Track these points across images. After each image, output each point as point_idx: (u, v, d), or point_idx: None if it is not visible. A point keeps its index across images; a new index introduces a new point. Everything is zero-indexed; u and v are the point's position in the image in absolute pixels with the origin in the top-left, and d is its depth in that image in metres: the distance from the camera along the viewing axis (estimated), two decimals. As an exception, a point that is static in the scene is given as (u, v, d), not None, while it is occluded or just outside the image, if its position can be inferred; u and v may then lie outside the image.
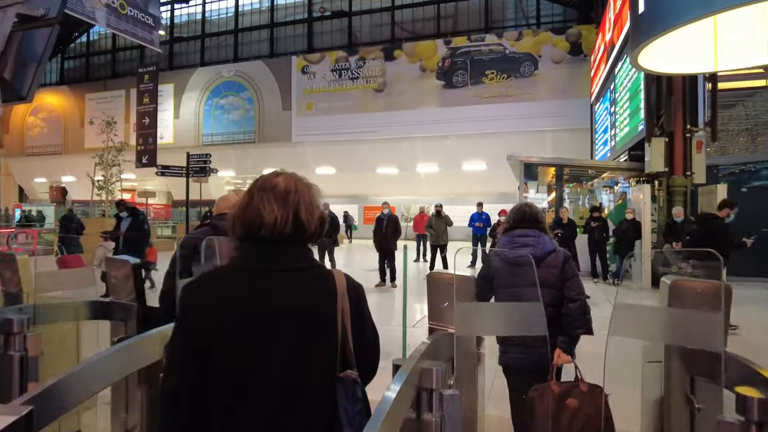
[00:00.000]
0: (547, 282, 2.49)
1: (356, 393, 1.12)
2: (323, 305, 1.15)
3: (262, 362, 1.07)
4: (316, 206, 1.22)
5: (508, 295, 2.51)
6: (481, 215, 12.22)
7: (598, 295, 8.46)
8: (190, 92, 29.80)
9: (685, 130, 9.32)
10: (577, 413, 2.14)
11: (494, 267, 2.58)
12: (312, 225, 1.19)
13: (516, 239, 2.55)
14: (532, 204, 2.70)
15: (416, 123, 24.46)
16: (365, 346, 1.22)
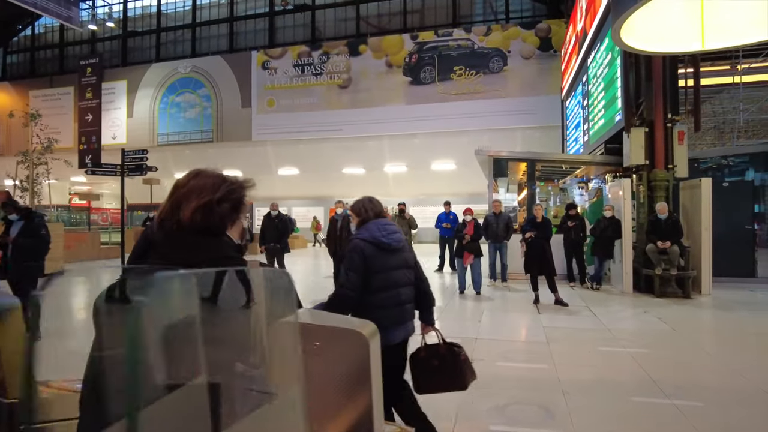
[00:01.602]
0: (409, 263, 2.76)
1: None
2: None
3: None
4: (199, 194, 1.22)
5: (383, 279, 2.62)
6: (448, 215, 11.26)
7: (576, 302, 7.57)
8: (144, 89, 28.08)
9: (666, 120, 8.55)
10: (441, 369, 2.70)
11: (368, 254, 2.58)
12: (186, 213, 1.19)
13: (385, 226, 2.67)
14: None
15: (383, 121, 23.49)
16: None
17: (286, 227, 8.86)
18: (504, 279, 9.46)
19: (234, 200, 1.29)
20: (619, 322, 6.26)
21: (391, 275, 2.64)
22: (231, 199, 1.27)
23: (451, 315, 6.83)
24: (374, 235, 2.61)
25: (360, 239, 2.62)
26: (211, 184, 1.26)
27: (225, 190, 1.27)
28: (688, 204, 8.78)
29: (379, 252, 2.60)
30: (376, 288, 2.59)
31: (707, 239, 8.15)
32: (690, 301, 7.60)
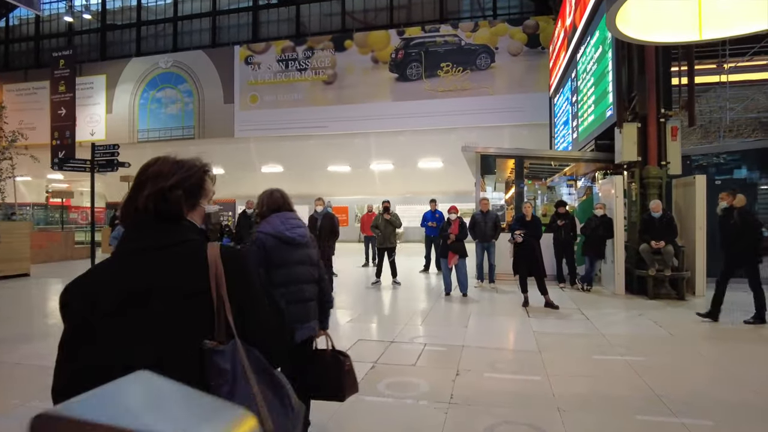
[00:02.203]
0: (313, 260, 2.69)
1: (218, 363, 1.10)
2: (193, 277, 1.16)
3: (138, 340, 1.09)
4: (157, 180, 1.23)
5: (285, 274, 2.55)
6: (434, 214, 10.87)
7: (567, 304, 7.22)
8: (123, 84, 27.30)
9: (659, 115, 8.25)
10: (322, 376, 2.60)
11: (269, 246, 2.53)
12: (141, 199, 1.21)
13: (289, 220, 2.61)
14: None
15: (369, 118, 23.05)
16: (256, 318, 1.23)
17: (250, 226, 8.40)
18: (492, 280, 9.10)
19: (189, 187, 1.28)
20: (614, 326, 5.91)
21: (294, 270, 2.57)
22: (185, 186, 1.27)
23: (436, 319, 6.43)
24: (277, 229, 2.56)
25: (261, 232, 2.56)
26: (167, 171, 1.26)
27: (179, 177, 1.27)
28: (682, 202, 8.49)
29: (281, 246, 2.55)
30: (278, 283, 2.51)
31: (701, 239, 7.86)
32: (685, 303, 7.29)
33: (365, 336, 5.47)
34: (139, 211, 1.20)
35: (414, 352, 4.78)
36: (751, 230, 5.87)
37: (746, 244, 5.90)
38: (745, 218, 5.94)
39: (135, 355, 1.04)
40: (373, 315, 6.71)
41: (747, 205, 6.25)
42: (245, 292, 1.22)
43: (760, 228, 5.94)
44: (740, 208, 6.05)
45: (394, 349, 4.88)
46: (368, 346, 5.05)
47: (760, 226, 5.97)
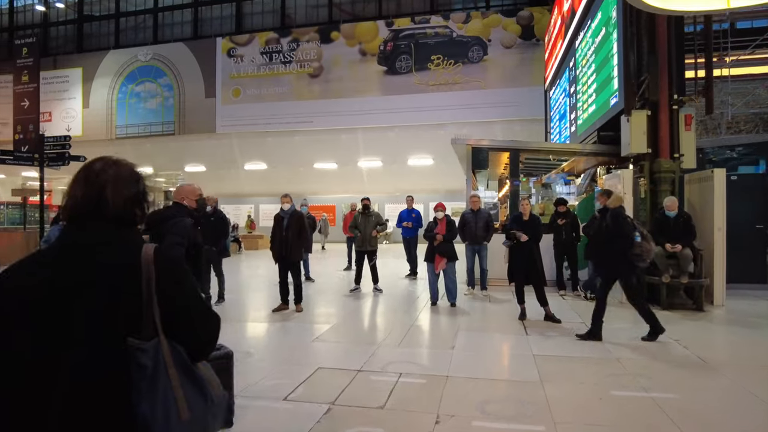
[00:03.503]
0: None
1: (139, 359, 1.16)
2: (126, 277, 1.20)
3: (65, 335, 1.13)
4: (126, 185, 1.30)
5: None
6: (410, 213, 9.87)
7: (570, 316, 6.27)
8: (101, 78, 26.10)
9: (671, 101, 7.32)
10: None
11: None
12: (117, 202, 1.26)
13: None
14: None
15: (357, 113, 22.03)
16: (185, 319, 1.27)
17: (225, 226, 7.32)
18: (484, 287, 8.13)
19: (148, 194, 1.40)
20: (627, 346, 4.95)
21: None
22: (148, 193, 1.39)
23: (418, 337, 5.44)
24: None
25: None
26: (127, 177, 1.33)
27: (143, 185, 1.36)
28: (696, 200, 7.56)
29: None
30: None
31: (720, 241, 6.94)
32: (704, 315, 6.36)
33: (328, 361, 4.47)
34: (108, 213, 1.25)
35: (385, 386, 3.79)
36: (622, 235, 5.00)
37: (616, 251, 5.05)
38: (617, 221, 5.05)
39: (61, 348, 1.12)
40: (344, 331, 5.71)
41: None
42: (177, 293, 1.27)
43: (632, 232, 5.00)
44: (614, 209, 5.19)
45: (361, 382, 3.89)
46: (329, 377, 4.05)
47: (633, 230, 5.02)
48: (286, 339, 5.44)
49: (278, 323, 6.12)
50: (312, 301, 7.73)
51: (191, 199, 3.52)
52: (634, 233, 5.06)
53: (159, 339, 1.19)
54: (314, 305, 7.35)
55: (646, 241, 5.08)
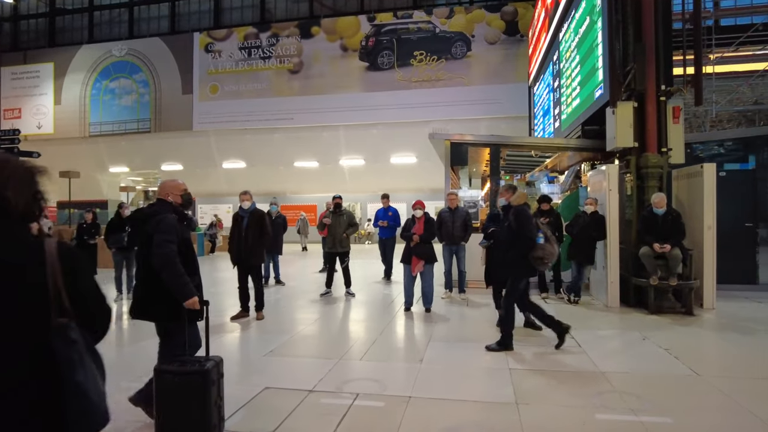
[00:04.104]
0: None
1: (69, 335, 1.31)
2: (31, 271, 1.30)
3: None
4: (25, 184, 1.36)
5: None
6: (387, 211, 9.38)
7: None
8: (74, 73, 25.23)
9: (658, 92, 6.90)
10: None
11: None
12: (19, 202, 1.32)
13: None
14: None
15: (338, 109, 21.49)
16: (84, 303, 1.40)
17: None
18: (462, 290, 7.64)
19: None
20: (614, 357, 4.50)
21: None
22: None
23: (385, 348, 4.93)
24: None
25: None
26: (23, 175, 1.37)
27: (40, 183, 1.41)
28: (685, 197, 7.16)
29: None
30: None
31: (710, 240, 6.53)
32: (694, 320, 5.93)
33: (278, 380, 3.93)
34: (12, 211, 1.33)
35: (336, 410, 3.27)
36: (524, 236, 4.58)
37: (517, 252, 4.63)
38: (519, 219, 4.62)
39: None
40: (304, 343, 5.17)
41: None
42: (79, 283, 1.39)
43: (534, 233, 4.58)
44: (517, 207, 4.76)
45: (310, 406, 3.37)
46: (274, 399, 3.53)
47: (536, 231, 4.60)
48: (237, 352, 4.90)
49: (232, 334, 5.56)
50: (277, 307, 7.19)
51: (176, 195, 3.27)
52: (537, 234, 4.58)
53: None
54: (278, 312, 6.81)
55: (550, 244, 4.61)
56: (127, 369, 4.19)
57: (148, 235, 3.01)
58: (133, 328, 5.95)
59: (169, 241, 2.94)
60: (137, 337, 5.43)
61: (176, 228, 3.04)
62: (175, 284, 2.93)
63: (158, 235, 2.95)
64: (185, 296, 2.93)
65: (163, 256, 2.91)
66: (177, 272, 2.93)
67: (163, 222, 3.01)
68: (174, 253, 2.93)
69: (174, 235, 2.98)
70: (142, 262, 3.09)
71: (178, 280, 2.93)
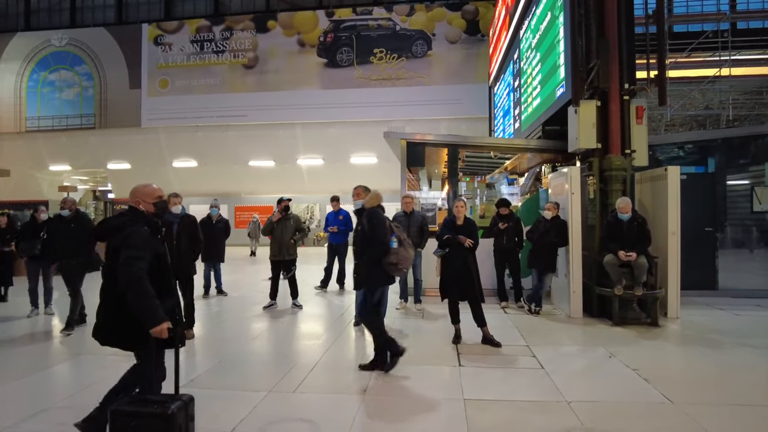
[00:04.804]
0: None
1: None
2: None
3: None
4: None
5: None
6: (337, 215, 8.77)
7: (512, 337, 5.35)
8: (7, 63, 23.48)
9: (622, 91, 6.58)
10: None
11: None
12: None
13: None
14: None
15: (295, 107, 20.73)
16: None
17: (88, 233, 5.88)
18: (417, 299, 7.11)
19: None
20: (580, 381, 4.04)
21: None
22: None
23: (325, 374, 4.31)
24: None
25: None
26: None
27: None
28: (648, 201, 6.87)
29: None
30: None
31: (675, 246, 6.23)
32: (660, 332, 5.60)
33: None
34: None
35: (251, 468, 2.65)
36: (377, 240, 4.16)
37: (370, 258, 4.22)
38: (371, 222, 4.21)
39: None
40: (233, 370, 4.49)
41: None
42: None
43: (388, 237, 4.16)
44: (370, 209, 4.32)
45: None
46: None
47: (390, 234, 4.18)
48: (152, 382, 4.18)
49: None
50: (214, 322, 6.47)
51: (147, 203, 2.89)
52: (391, 238, 4.12)
53: None
54: (213, 329, 6.10)
55: (404, 248, 4.16)
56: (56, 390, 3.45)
57: (115, 249, 2.66)
58: (56, 347, 5.14)
59: (137, 258, 2.58)
60: (61, 357, 4.64)
61: (147, 242, 2.69)
62: (141, 308, 2.54)
63: (125, 251, 2.59)
64: (152, 322, 2.53)
65: (129, 275, 2.54)
66: (144, 293, 2.55)
67: (132, 236, 2.65)
68: (142, 271, 2.57)
69: (143, 251, 2.63)
70: (107, 279, 2.70)
71: (145, 303, 2.54)
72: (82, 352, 5.01)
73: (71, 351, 5.08)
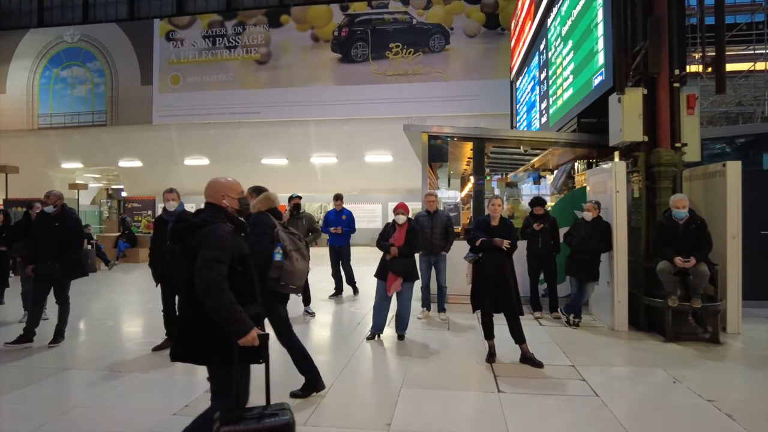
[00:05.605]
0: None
1: None
2: None
3: None
4: None
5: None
6: (339, 215, 8.06)
7: (552, 354, 4.68)
8: (20, 60, 23.22)
9: (671, 77, 5.88)
10: None
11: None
12: None
13: None
14: None
15: (308, 103, 20.15)
16: None
17: (76, 232, 5.31)
18: (441, 308, 6.47)
19: None
20: (646, 414, 3.38)
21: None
22: None
23: (340, 402, 3.70)
24: None
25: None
26: None
27: None
28: (700, 201, 6.15)
29: None
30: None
31: (735, 252, 5.52)
32: (723, 351, 4.89)
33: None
34: None
35: None
36: (258, 252, 3.31)
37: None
38: (253, 230, 3.45)
39: None
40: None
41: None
42: None
43: (269, 248, 3.39)
44: (256, 214, 3.61)
45: None
46: None
47: (268, 242, 3.40)
48: (143, 405, 3.59)
49: (145, 375, 4.26)
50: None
51: (233, 198, 2.56)
52: (275, 250, 3.39)
53: None
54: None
55: (290, 261, 3.38)
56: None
57: (194, 249, 2.33)
58: (40, 359, 4.60)
59: (218, 261, 2.29)
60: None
61: (230, 241, 2.37)
62: (223, 316, 2.24)
63: (204, 252, 2.30)
64: (239, 330, 2.24)
65: (208, 280, 2.23)
66: (224, 301, 2.23)
67: (211, 234, 2.34)
68: (222, 276, 2.27)
69: (225, 252, 2.33)
70: (186, 285, 2.35)
71: (226, 312, 2.24)
72: (69, 366, 4.47)
73: (57, 365, 4.53)
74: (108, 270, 12.42)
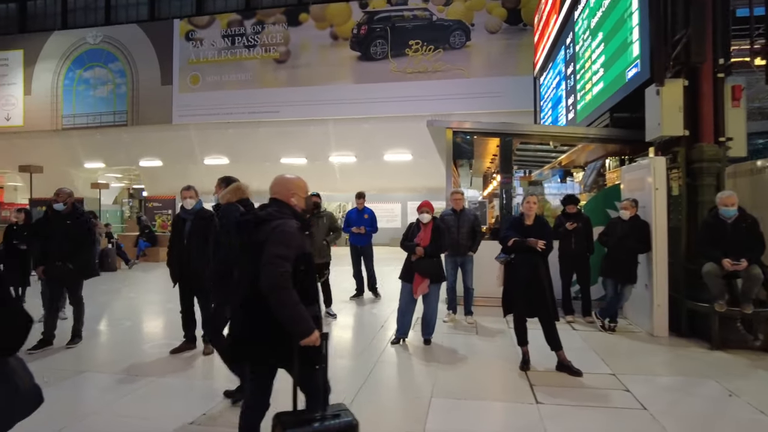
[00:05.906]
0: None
1: None
2: None
3: None
4: None
5: None
6: (361, 214, 7.81)
7: (589, 361, 4.39)
8: (45, 62, 23.57)
9: (715, 67, 5.52)
10: None
11: None
12: None
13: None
14: None
15: (327, 102, 20.01)
16: None
17: (86, 234, 5.16)
18: (468, 311, 6.20)
19: None
20: (700, 427, 3.08)
21: None
22: None
23: (367, 412, 3.48)
24: None
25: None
26: None
27: None
28: (748, 199, 5.76)
29: None
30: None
31: (787, 253, 5.15)
32: (775, 359, 4.55)
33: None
34: None
35: None
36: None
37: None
38: (221, 222, 3.52)
39: None
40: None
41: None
42: None
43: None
44: (225, 205, 3.59)
45: None
46: None
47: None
48: (156, 413, 3.41)
49: (161, 379, 4.09)
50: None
51: (301, 197, 2.53)
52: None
53: None
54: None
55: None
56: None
57: (259, 243, 2.25)
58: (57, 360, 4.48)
59: (285, 258, 2.22)
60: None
61: (297, 239, 2.31)
62: (288, 315, 2.16)
63: (271, 247, 2.22)
64: (303, 331, 2.17)
65: (274, 276, 2.16)
66: (290, 300, 2.17)
67: (280, 229, 2.27)
68: (288, 274, 2.20)
69: (291, 249, 2.26)
70: (247, 281, 2.30)
71: (292, 311, 2.16)
72: (86, 368, 4.33)
73: (74, 367, 4.40)
74: (128, 269, 12.42)
